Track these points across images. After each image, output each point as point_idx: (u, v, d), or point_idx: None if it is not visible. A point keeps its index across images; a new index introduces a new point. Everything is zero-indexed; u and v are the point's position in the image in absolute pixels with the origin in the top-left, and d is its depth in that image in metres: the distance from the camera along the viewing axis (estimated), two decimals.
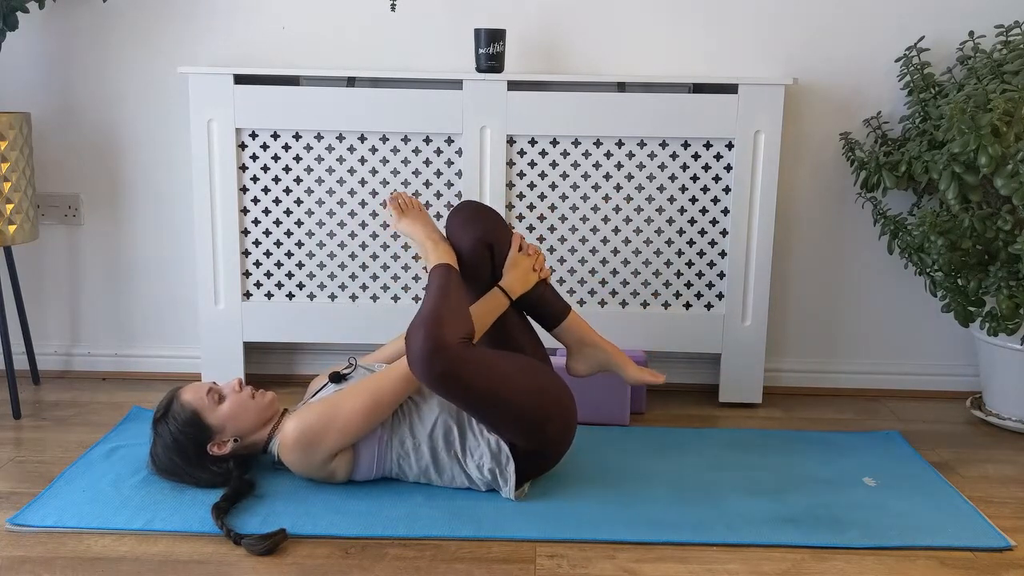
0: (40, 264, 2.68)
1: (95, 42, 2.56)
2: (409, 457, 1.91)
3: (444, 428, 1.90)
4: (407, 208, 2.07)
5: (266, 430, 1.95)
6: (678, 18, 2.53)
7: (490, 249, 1.99)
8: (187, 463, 1.91)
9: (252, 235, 2.49)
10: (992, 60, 2.32)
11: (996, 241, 2.15)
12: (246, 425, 1.93)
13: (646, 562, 1.70)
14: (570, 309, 2.07)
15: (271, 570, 1.66)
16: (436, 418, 1.90)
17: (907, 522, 1.85)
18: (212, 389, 1.94)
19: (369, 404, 1.85)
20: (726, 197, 2.45)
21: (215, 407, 1.91)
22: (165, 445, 1.91)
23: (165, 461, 1.92)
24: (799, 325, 2.67)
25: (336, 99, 2.40)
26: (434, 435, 1.90)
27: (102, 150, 2.62)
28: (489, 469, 1.89)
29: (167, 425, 1.91)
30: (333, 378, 1.99)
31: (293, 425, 1.86)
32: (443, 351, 1.76)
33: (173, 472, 1.93)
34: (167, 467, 1.93)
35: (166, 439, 1.91)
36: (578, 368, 2.10)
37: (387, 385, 1.87)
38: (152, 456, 1.95)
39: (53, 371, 2.71)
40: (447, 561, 1.69)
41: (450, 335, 1.77)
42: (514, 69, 2.53)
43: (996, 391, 2.43)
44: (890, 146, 2.44)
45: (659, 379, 2.06)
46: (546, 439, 1.88)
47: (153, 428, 1.94)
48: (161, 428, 1.92)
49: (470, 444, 1.90)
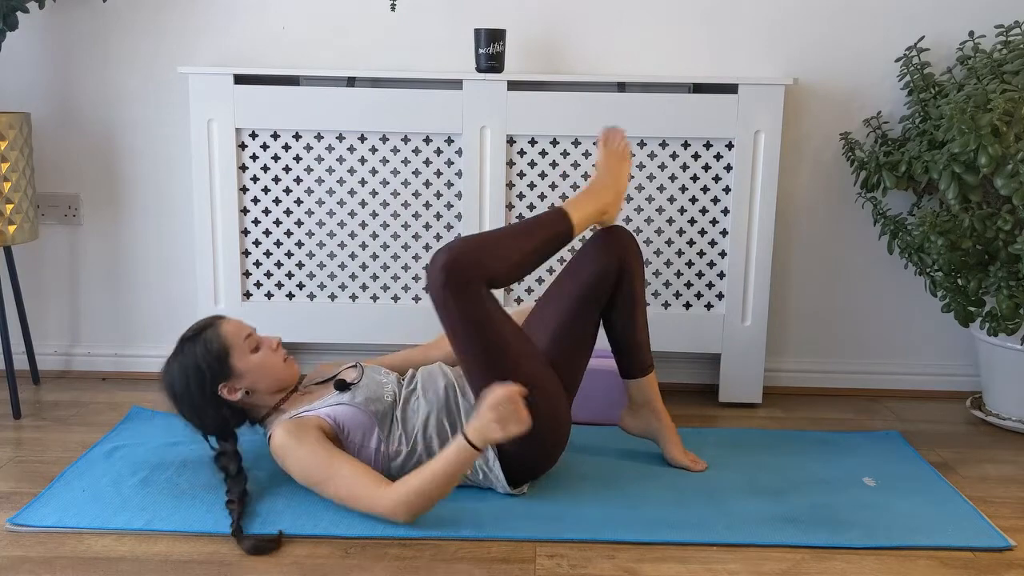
0: (40, 264, 2.68)
1: (95, 42, 2.56)
2: (405, 458, 1.91)
3: (436, 425, 1.90)
4: (623, 156, 2.01)
5: (276, 398, 1.94)
6: (678, 18, 2.53)
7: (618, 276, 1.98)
8: (195, 392, 1.87)
9: (252, 235, 2.49)
10: (992, 60, 2.32)
11: (996, 241, 2.15)
12: (263, 384, 1.91)
13: (646, 562, 1.70)
14: (654, 368, 2.09)
15: (271, 570, 1.66)
16: (428, 416, 1.91)
17: (907, 522, 1.85)
18: (252, 335, 1.91)
19: (347, 501, 1.79)
20: (726, 197, 2.45)
21: (246, 353, 1.89)
22: (183, 365, 1.88)
23: (176, 380, 1.89)
24: (799, 325, 2.67)
25: (336, 99, 2.40)
26: (427, 433, 1.90)
27: (102, 150, 2.62)
28: (477, 465, 1.89)
29: (194, 347, 1.88)
30: (339, 386, 1.95)
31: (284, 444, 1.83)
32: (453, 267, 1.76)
33: (176, 395, 1.89)
34: (174, 386, 1.89)
35: (187, 360, 1.88)
36: (628, 425, 2.14)
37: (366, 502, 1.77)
38: (166, 370, 1.91)
39: (53, 371, 2.71)
40: (447, 561, 1.69)
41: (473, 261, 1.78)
42: (514, 69, 2.53)
43: (996, 391, 2.43)
44: (890, 146, 2.44)
45: (700, 467, 2.08)
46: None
47: (179, 344, 1.91)
48: (187, 347, 1.89)
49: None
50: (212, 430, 1.93)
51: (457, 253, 1.78)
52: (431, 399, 1.93)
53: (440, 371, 2.00)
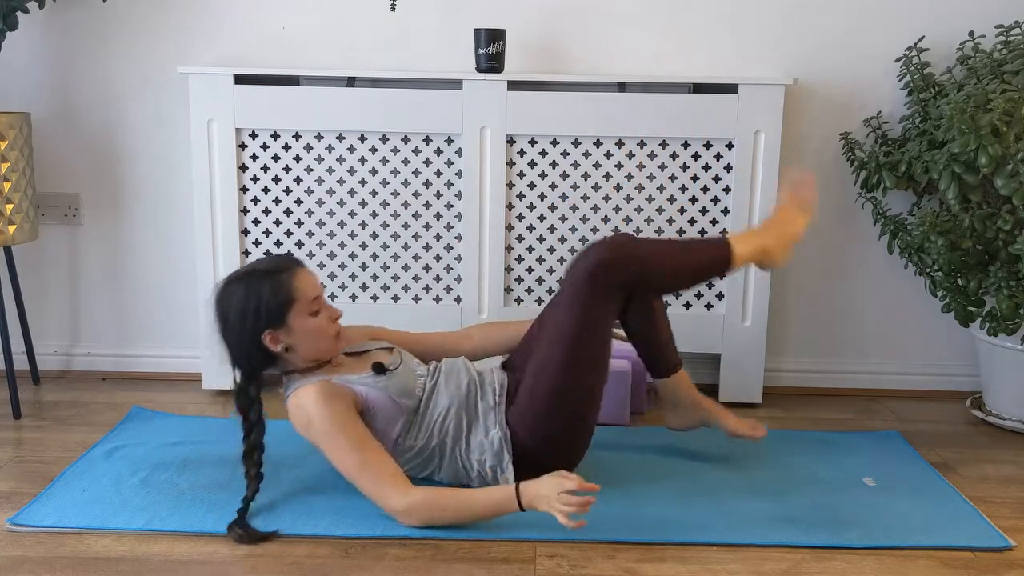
0: (40, 264, 2.68)
1: (95, 42, 2.56)
2: (419, 450, 1.90)
3: (455, 420, 1.89)
4: (805, 207, 1.99)
5: (309, 364, 1.90)
6: (678, 18, 2.53)
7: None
8: (242, 326, 1.82)
9: (252, 235, 2.49)
10: (992, 60, 2.32)
11: (996, 241, 2.15)
12: (306, 349, 1.87)
13: (646, 562, 1.70)
14: (682, 364, 2.09)
15: (271, 570, 1.66)
16: (447, 410, 1.90)
17: (907, 522, 1.85)
18: (319, 298, 1.87)
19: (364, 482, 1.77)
20: (726, 197, 2.45)
21: (306, 313, 1.84)
22: (243, 298, 1.82)
23: (230, 307, 1.83)
24: (799, 325, 2.66)
25: (336, 99, 2.40)
26: (444, 427, 1.89)
27: (102, 150, 2.62)
28: (491, 466, 1.89)
29: (262, 284, 1.82)
30: (376, 369, 1.90)
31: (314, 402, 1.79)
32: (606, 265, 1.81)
33: (224, 319, 1.84)
34: (226, 312, 1.83)
35: (249, 294, 1.82)
36: (675, 423, 2.15)
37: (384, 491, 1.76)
38: (225, 291, 1.85)
39: (53, 371, 2.71)
40: (447, 561, 1.69)
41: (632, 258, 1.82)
42: (514, 69, 2.53)
43: (996, 391, 2.43)
44: (890, 146, 2.44)
45: (760, 432, 2.08)
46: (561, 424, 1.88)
47: (250, 272, 1.85)
48: (255, 281, 1.83)
49: (474, 440, 1.89)
50: (240, 364, 1.87)
51: (621, 250, 1.82)
52: (452, 394, 1.91)
53: (464, 366, 1.99)
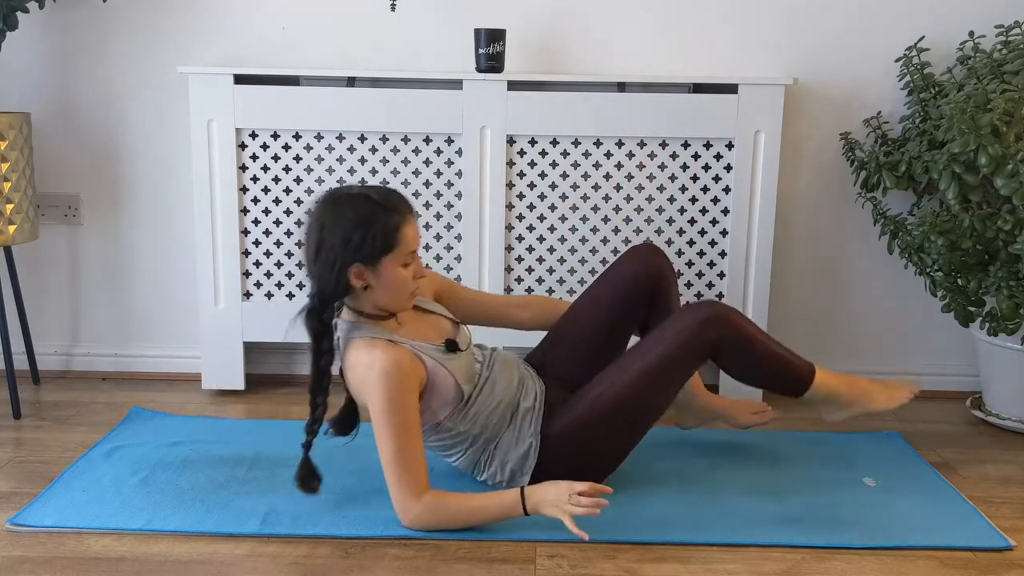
0: (40, 264, 2.68)
1: (95, 42, 2.56)
2: (459, 437, 1.88)
3: (500, 416, 1.88)
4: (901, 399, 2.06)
5: (376, 312, 1.84)
6: (678, 18, 2.53)
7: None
8: (338, 248, 1.74)
9: (252, 235, 2.49)
10: (992, 60, 2.32)
11: (996, 241, 2.15)
12: (382, 297, 1.81)
13: (646, 562, 1.70)
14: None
15: (271, 570, 1.66)
16: (496, 406, 1.88)
17: (907, 522, 1.85)
18: (414, 253, 1.82)
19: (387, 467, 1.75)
20: (726, 197, 2.45)
21: (399, 263, 1.78)
22: (353, 221, 1.75)
23: (333, 228, 1.75)
24: (799, 325, 2.66)
25: (336, 99, 2.40)
26: (490, 420, 1.88)
27: (102, 150, 2.62)
28: (512, 469, 1.89)
29: (374, 218, 1.75)
30: (449, 347, 1.86)
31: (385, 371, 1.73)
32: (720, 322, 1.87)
33: (321, 237, 1.76)
34: (326, 233, 1.76)
35: (359, 220, 1.75)
36: (688, 422, 2.18)
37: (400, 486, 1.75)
38: (335, 209, 1.77)
39: (53, 371, 2.71)
40: (447, 561, 1.69)
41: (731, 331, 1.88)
42: (514, 69, 2.53)
43: (996, 391, 2.43)
44: (890, 146, 2.44)
45: (768, 416, 2.18)
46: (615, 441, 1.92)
47: (364, 198, 1.77)
48: (367, 210, 1.76)
49: (506, 439, 1.89)
50: (321, 285, 1.78)
51: (738, 316, 1.91)
52: (504, 389, 1.90)
53: (516, 363, 1.98)
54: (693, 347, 1.88)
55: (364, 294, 1.81)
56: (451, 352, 1.86)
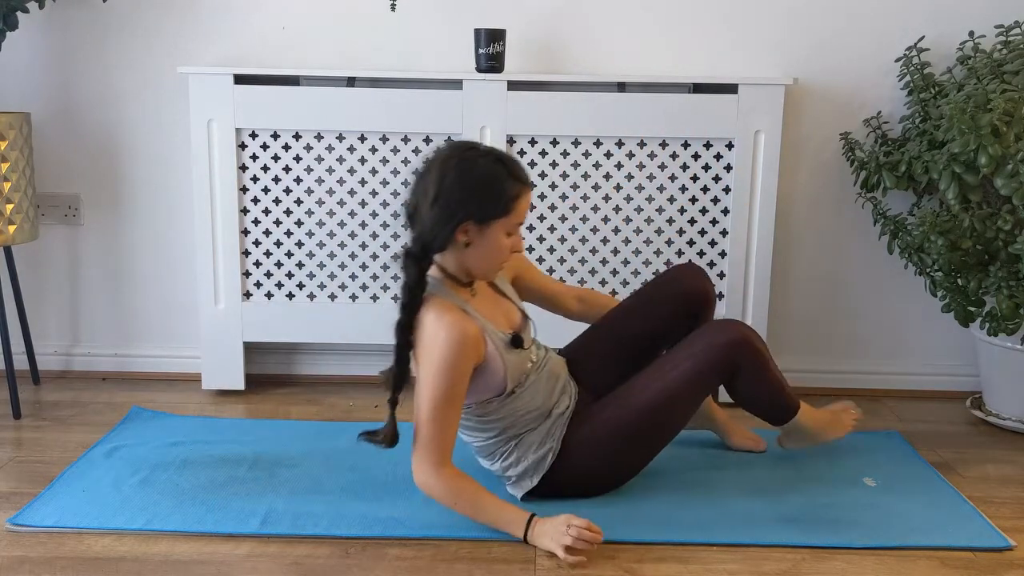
0: (40, 264, 2.68)
1: (95, 42, 2.56)
2: (487, 421, 1.87)
3: (532, 418, 1.88)
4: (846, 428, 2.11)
5: (461, 276, 1.83)
6: (678, 18, 2.53)
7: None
8: (462, 197, 1.73)
9: (252, 235, 2.49)
10: (992, 60, 2.32)
11: (996, 241, 2.15)
12: (476, 259, 1.80)
13: (646, 562, 1.70)
14: None
15: (271, 570, 1.66)
16: (535, 409, 1.87)
17: (907, 522, 1.85)
18: (519, 225, 1.81)
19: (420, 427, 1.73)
20: (726, 197, 2.45)
21: (504, 231, 1.78)
22: (483, 177, 1.74)
23: (464, 173, 1.74)
24: (799, 325, 2.66)
25: (336, 99, 2.40)
26: (522, 420, 1.87)
27: (102, 150, 2.62)
28: (524, 469, 1.88)
29: (501, 180, 1.75)
30: (515, 342, 1.85)
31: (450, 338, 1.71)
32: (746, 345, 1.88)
33: (445, 181, 1.74)
34: (456, 172, 1.74)
35: (488, 178, 1.74)
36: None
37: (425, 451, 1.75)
38: (464, 155, 1.76)
39: (53, 371, 2.71)
40: (447, 561, 1.69)
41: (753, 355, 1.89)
42: (514, 69, 2.53)
43: (996, 391, 2.43)
44: (890, 146, 2.44)
45: (761, 446, 2.18)
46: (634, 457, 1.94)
47: (495, 158, 1.77)
48: (496, 171, 1.76)
49: (528, 439, 1.88)
50: (427, 231, 1.75)
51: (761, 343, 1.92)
52: (545, 398, 1.89)
53: (562, 371, 1.97)
54: (716, 368, 1.89)
55: (460, 252, 1.79)
56: (514, 347, 1.85)
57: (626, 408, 1.88)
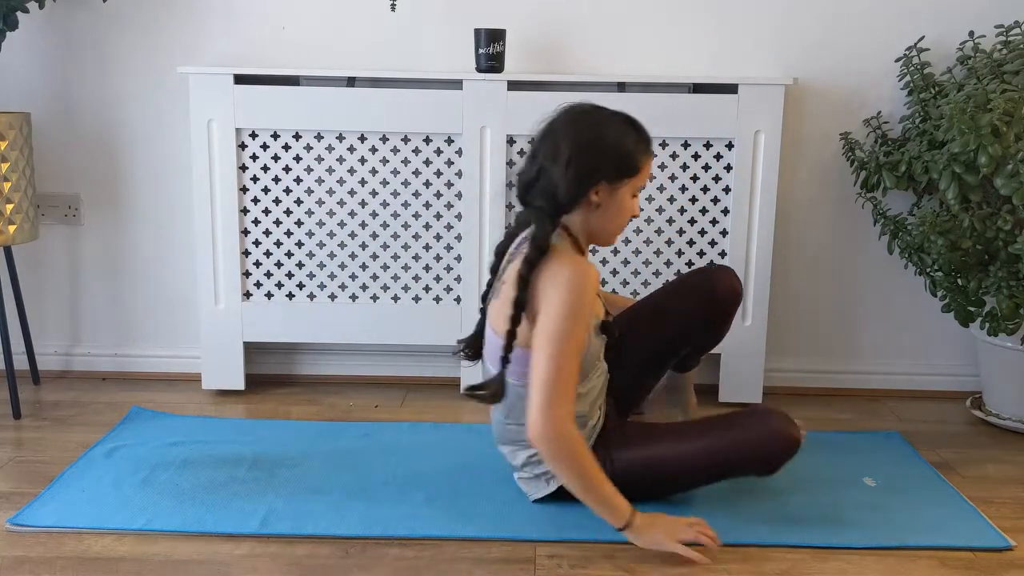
0: (40, 264, 2.68)
1: (95, 42, 2.56)
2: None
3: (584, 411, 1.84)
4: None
5: (582, 240, 1.81)
6: (678, 18, 2.53)
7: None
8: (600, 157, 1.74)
9: (252, 235, 2.49)
10: (992, 60, 2.32)
11: (996, 241, 2.15)
12: (601, 221, 1.79)
13: (646, 562, 1.70)
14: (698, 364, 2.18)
15: (271, 570, 1.66)
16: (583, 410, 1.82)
17: (907, 522, 1.85)
18: (642, 188, 1.83)
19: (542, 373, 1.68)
20: (726, 197, 2.45)
21: (631, 193, 1.79)
22: (619, 137, 1.75)
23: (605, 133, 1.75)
24: (799, 325, 2.66)
25: (336, 99, 2.40)
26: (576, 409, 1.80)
27: (102, 150, 2.62)
28: (546, 469, 1.84)
29: (636, 143, 1.76)
30: (604, 328, 1.83)
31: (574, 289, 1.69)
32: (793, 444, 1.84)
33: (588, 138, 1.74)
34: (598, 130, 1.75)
35: (625, 138, 1.76)
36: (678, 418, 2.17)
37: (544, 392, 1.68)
38: (605, 118, 1.77)
39: (53, 371, 2.71)
40: (447, 561, 1.69)
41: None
42: (514, 69, 2.53)
43: (996, 391, 2.43)
44: (890, 146, 2.44)
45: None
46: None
47: (630, 123, 1.78)
48: (631, 134, 1.77)
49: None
50: (562, 192, 1.74)
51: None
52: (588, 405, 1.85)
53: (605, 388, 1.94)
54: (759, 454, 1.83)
55: (588, 213, 1.78)
56: (602, 332, 1.84)
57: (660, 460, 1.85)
